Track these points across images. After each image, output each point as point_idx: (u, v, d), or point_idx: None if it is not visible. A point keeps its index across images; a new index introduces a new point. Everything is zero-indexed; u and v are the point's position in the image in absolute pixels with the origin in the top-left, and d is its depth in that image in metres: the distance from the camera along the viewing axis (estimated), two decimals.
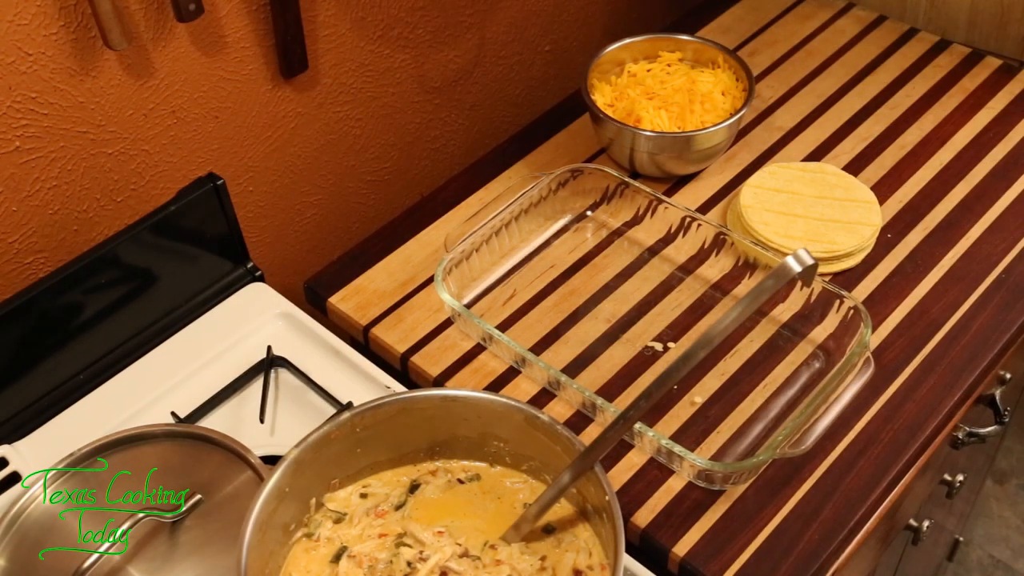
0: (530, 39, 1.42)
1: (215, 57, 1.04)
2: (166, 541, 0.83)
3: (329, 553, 0.82)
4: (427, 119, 1.34)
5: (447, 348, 1.08)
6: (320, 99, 1.18)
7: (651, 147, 1.19)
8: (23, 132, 0.93)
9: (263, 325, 1.09)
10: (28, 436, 0.98)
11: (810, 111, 1.34)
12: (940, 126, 1.31)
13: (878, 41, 1.44)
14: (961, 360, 1.05)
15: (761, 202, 1.16)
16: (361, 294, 1.14)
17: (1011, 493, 2.13)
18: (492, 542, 0.82)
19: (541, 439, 0.83)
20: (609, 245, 1.18)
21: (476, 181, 1.26)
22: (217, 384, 1.02)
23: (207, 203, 1.05)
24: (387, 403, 0.85)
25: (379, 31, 1.20)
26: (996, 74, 1.38)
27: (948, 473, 1.31)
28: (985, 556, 2.03)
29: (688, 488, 0.95)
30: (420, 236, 1.20)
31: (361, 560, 0.81)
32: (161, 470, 0.87)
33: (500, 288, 1.13)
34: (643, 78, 1.28)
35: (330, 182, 1.26)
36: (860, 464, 0.97)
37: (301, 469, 0.81)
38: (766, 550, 0.90)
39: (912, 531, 1.24)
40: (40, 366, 0.99)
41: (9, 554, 0.83)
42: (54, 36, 0.91)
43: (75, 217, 1.02)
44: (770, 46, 1.44)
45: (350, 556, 0.81)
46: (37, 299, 0.95)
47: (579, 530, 0.83)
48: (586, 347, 1.07)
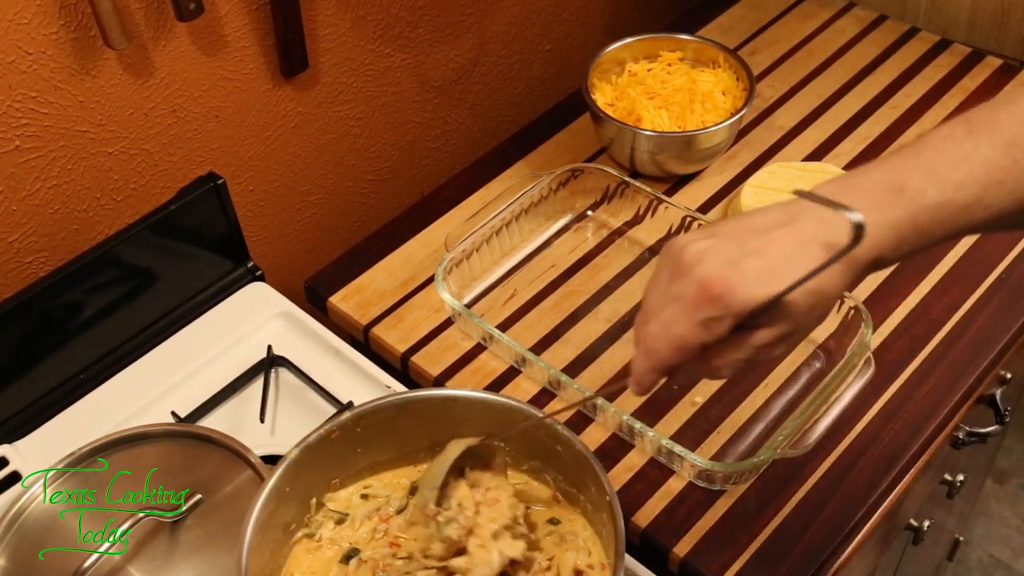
0: (530, 39, 1.42)
1: (215, 56, 1.04)
2: (166, 541, 0.83)
3: (334, 554, 0.82)
4: (427, 118, 1.34)
5: (447, 348, 1.08)
6: (320, 98, 1.18)
7: (652, 147, 1.19)
8: (23, 131, 0.93)
9: (263, 325, 1.08)
10: (28, 436, 0.98)
11: (810, 111, 1.34)
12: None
13: (878, 41, 1.44)
14: (962, 360, 1.05)
15: (762, 202, 1.16)
16: (361, 293, 1.14)
17: (1011, 493, 2.13)
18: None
19: (542, 439, 0.83)
20: (609, 245, 1.18)
21: (476, 180, 1.26)
22: (217, 384, 1.02)
23: (207, 202, 1.05)
24: (387, 403, 0.84)
25: (379, 30, 1.20)
26: (997, 74, 1.38)
27: (948, 473, 1.31)
28: (985, 556, 2.03)
29: (688, 488, 0.95)
30: (420, 235, 1.20)
31: (374, 564, 0.80)
32: (161, 470, 0.87)
33: (500, 288, 1.13)
34: (643, 77, 1.28)
35: (330, 181, 1.26)
36: (860, 464, 0.96)
37: (301, 469, 0.81)
38: (766, 550, 0.90)
39: (912, 531, 1.24)
40: (40, 366, 0.99)
41: (9, 554, 0.83)
42: (54, 35, 0.91)
43: (75, 216, 1.02)
44: (770, 46, 1.44)
45: (362, 560, 0.81)
46: (37, 299, 0.95)
47: (579, 530, 0.83)
48: (586, 347, 1.07)
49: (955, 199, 0.59)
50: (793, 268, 0.57)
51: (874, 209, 0.58)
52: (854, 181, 0.60)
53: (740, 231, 0.60)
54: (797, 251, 0.57)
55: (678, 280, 0.60)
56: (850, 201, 0.56)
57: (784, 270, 0.57)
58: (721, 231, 0.61)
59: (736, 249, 0.58)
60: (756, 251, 0.57)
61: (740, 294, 0.57)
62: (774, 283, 0.57)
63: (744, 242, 0.58)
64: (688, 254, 0.59)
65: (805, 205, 0.59)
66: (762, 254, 0.57)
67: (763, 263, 0.57)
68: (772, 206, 0.61)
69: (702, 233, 0.61)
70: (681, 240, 0.62)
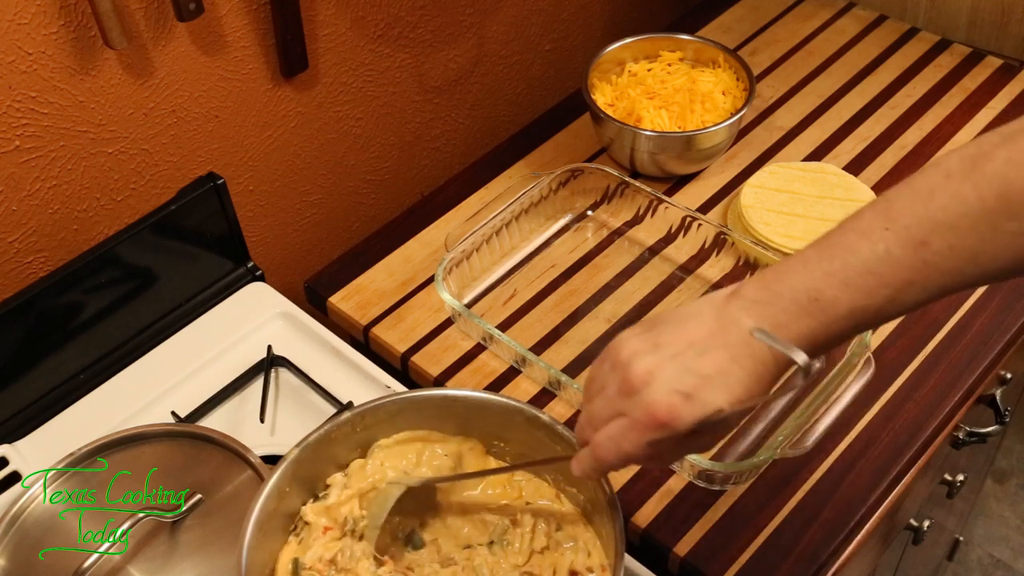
0: (530, 39, 1.42)
1: (215, 56, 1.04)
2: (166, 541, 0.83)
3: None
4: (427, 118, 1.34)
5: (447, 348, 1.08)
6: (320, 98, 1.18)
7: (652, 147, 1.19)
8: (23, 131, 0.93)
9: (263, 325, 1.08)
10: (28, 436, 0.98)
11: (811, 111, 1.34)
12: (941, 126, 1.31)
13: (879, 41, 1.44)
14: (962, 360, 1.05)
15: (762, 202, 1.16)
16: (361, 294, 1.14)
17: (1011, 493, 2.13)
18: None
19: (542, 439, 0.83)
20: (609, 245, 1.18)
21: (476, 181, 1.26)
22: (217, 384, 1.02)
23: (207, 202, 1.05)
24: (387, 403, 0.84)
25: (379, 30, 1.20)
26: (997, 74, 1.38)
27: (948, 473, 1.31)
28: (985, 556, 2.03)
29: (688, 488, 0.95)
30: (420, 235, 1.20)
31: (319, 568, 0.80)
32: (161, 470, 0.87)
33: (500, 288, 1.13)
34: (643, 78, 1.28)
35: (330, 181, 1.26)
36: (860, 464, 0.96)
37: (301, 469, 0.81)
38: (767, 550, 0.90)
39: (912, 531, 1.24)
40: (40, 366, 0.99)
41: (9, 554, 0.83)
42: (54, 35, 0.91)
43: (75, 216, 1.02)
44: (770, 46, 1.44)
45: (305, 568, 0.79)
46: (37, 299, 0.95)
47: (579, 530, 0.83)
48: (586, 347, 1.07)
49: (868, 305, 0.62)
50: (729, 385, 0.63)
51: (793, 321, 0.63)
52: (775, 290, 0.64)
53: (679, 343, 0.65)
54: (731, 365, 0.63)
55: (626, 398, 0.65)
56: (772, 314, 0.63)
57: (722, 387, 0.63)
58: (662, 339, 0.66)
59: (678, 370, 0.63)
60: (695, 370, 0.63)
61: (685, 420, 0.63)
62: (713, 402, 0.63)
63: (685, 360, 0.64)
64: (635, 372, 0.64)
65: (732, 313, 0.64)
66: (700, 373, 0.63)
67: (703, 384, 0.63)
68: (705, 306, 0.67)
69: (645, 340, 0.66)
70: (627, 347, 0.66)
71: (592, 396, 0.69)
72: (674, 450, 0.66)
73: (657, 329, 0.67)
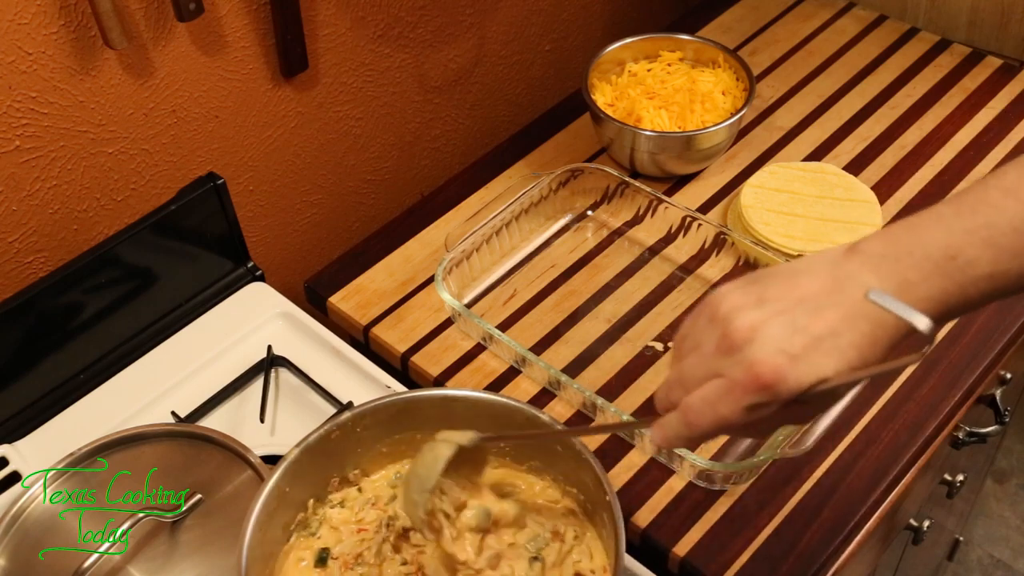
0: (530, 39, 1.42)
1: (215, 56, 1.04)
2: (166, 541, 0.83)
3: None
4: (427, 119, 1.34)
5: (447, 348, 1.08)
6: (320, 98, 1.18)
7: (652, 147, 1.19)
8: (23, 131, 0.93)
9: (263, 325, 1.08)
10: (28, 436, 0.98)
11: (810, 111, 1.34)
12: (940, 126, 1.31)
13: (878, 41, 1.44)
14: (962, 360, 1.05)
15: (762, 202, 1.16)
16: (361, 294, 1.14)
17: (1011, 493, 2.13)
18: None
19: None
20: (609, 245, 1.18)
21: (476, 181, 1.26)
22: (217, 384, 1.02)
23: (207, 203, 1.05)
24: (387, 403, 0.84)
25: (379, 30, 1.20)
26: (996, 74, 1.38)
27: (948, 473, 1.31)
28: (985, 556, 2.03)
29: (688, 488, 0.95)
30: (420, 236, 1.20)
31: (346, 561, 0.80)
32: (161, 470, 0.87)
33: (500, 288, 1.13)
34: (643, 78, 1.28)
35: (330, 181, 1.26)
36: (860, 464, 0.97)
37: (301, 469, 0.81)
38: (766, 550, 0.90)
39: (912, 531, 1.24)
40: (40, 366, 0.99)
41: (9, 554, 0.83)
42: (54, 35, 0.91)
43: (75, 216, 1.02)
44: (770, 46, 1.44)
45: (333, 558, 0.80)
46: (37, 299, 0.95)
47: (579, 531, 0.83)
48: (586, 347, 1.07)
49: (1010, 269, 0.56)
50: (840, 348, 0.56)
51: (923, 280, 0.57)
52: (904, 245, 0.58)
53: (788, 299, 0.58)
54: (844, 327, 0.56)
55: (725, 356, 0.58)
56: (899, 271, 0.56)
57: (833, 350, 0.56)
58: (768, 294, 0.59)
59: (786, 328, 0.56)
60: (805, 329, 0.56)
61: (790, 384, 0.56)
62: (823, 367, 0.56)
63: (794, 317, 0.57)
64: (737, 327, 0.57)
65: (851, 268, 0.58)
66: (811, 333, 0.56)
67: (813, 345, 0.56)
68: (819, 261, 0.60)
69: (749, 294, 0.59)
70: (728, 301, 0.59)
71: (684, 354, 0.61)
72: (773, 418, 0.58)
73: (763, 283, 0.60)
